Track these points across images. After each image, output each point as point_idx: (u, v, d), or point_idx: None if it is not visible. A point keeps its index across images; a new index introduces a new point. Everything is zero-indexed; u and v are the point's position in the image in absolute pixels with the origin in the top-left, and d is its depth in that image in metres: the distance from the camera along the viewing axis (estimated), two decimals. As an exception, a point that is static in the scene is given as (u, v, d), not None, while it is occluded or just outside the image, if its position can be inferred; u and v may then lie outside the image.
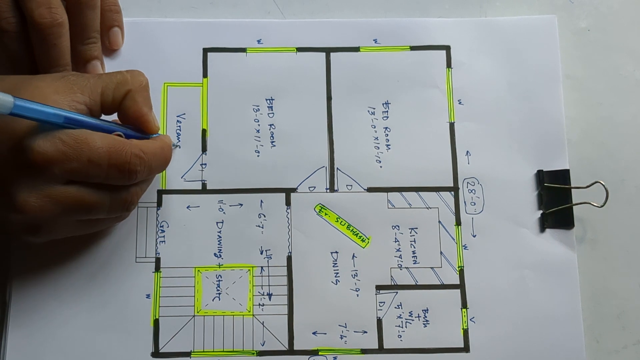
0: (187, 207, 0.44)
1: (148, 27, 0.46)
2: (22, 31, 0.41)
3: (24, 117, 0.34)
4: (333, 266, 0.43)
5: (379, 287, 0.43)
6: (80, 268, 0.42)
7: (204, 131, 0.45)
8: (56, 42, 0.41)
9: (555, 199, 0.44)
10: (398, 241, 0.44)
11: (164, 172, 0.44)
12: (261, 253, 0.43)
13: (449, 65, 0.46)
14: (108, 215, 0.39)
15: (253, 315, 0.43)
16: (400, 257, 0.44)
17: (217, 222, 0.44)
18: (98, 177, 0.37)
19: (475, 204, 0.44)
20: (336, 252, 0.44)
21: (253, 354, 0.42)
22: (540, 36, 0.46)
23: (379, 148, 0.45)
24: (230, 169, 0.44)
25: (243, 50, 0.46)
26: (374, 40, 0.46)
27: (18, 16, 0.41)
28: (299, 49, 0.46)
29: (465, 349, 0.42)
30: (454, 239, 0.44)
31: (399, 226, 0.44)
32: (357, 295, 0.43)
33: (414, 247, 0.44)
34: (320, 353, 0.42)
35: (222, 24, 0.46)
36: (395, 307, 0.43)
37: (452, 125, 0.45)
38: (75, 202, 0.37)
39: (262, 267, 0.43)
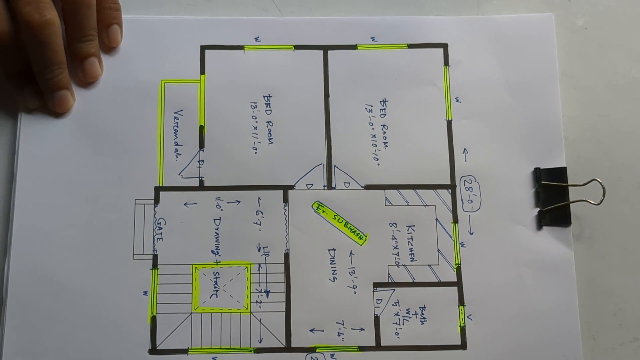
0: (185, 204, 0.44)
1: (146, 25, 0.46)
2: (15, 31, 0.41)
3: None
4: (330, 263, 0.43)
5: (376, 285, 0.43)
6: (77, 264, 0.42)
7: (201, 128, 0.45)
8: (47, 40, 0.41)
9: (552, 197, 0.44)
10: (395, 239, 0.44)
11: (161, 168, 0.44)
12: (259, 250, 0.43)
13: (446, 63, 0.46)
14: None
15: (250, 312, 0.43)
16: (397, 254, 0.44)
17: (214, 219, 0.44)
18: None
19: (472, 201, 0.44)
20: (334, 250, 0.44)
21: (250, 351, 0.42)
22: (538, 34, 0.46)
23: (376, 146, 0.45)
24: (228, 165, 0.44)
25: (241, 47, 0.46)
26: (371, 38, 0.46)
27: (9, 16, 0.41)
28: (297, 47, 0.46)
29: (463, 346, 0.43)
30: (451, 237, 0.44)
31: (396, 224, 0.44)
32: (355, 292, 0.43)
33: (411, 245, 0.44)
34: (317, 350, 0.42)
35: (220, 22, 0.46)
36: (393, 305, 0.43)
37: (449, 123, 0.45)
38: None
39: (259, 264, 0.43)
